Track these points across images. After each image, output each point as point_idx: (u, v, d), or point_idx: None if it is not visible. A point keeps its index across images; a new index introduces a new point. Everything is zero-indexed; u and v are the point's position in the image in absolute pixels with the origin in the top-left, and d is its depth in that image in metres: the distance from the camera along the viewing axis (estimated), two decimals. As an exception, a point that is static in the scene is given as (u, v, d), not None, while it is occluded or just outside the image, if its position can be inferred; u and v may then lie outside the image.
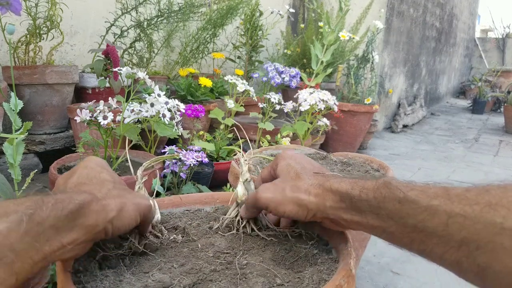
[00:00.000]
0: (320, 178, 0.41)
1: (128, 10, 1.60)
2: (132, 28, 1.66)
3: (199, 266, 0.40)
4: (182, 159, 1.01)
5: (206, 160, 1.07)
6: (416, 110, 3.86)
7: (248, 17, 2.10)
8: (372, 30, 2.24)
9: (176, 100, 1.07)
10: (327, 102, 1.35)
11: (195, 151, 1.06)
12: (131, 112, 1.01)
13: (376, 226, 0.36)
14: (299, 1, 3.20)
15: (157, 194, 0.91)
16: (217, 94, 1.84)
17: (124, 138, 1.03)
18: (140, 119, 1.03)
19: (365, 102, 2.23)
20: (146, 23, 1.67)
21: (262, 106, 1.56)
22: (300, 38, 2.66)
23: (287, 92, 2.48)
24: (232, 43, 2.25)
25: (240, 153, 0.52)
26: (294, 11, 2.74)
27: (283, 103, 1.51)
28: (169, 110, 1.01)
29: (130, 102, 1.01)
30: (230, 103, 1.49)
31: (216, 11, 1.94)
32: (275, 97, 1.49)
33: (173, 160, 1.03)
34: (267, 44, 2.31)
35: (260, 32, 2.15)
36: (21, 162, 0.87)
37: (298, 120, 1.50)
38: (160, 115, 0.99)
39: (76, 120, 0.97)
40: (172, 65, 1.99)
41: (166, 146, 1.06)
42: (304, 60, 2.59)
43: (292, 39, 2.69)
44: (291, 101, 1.48)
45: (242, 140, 1.56)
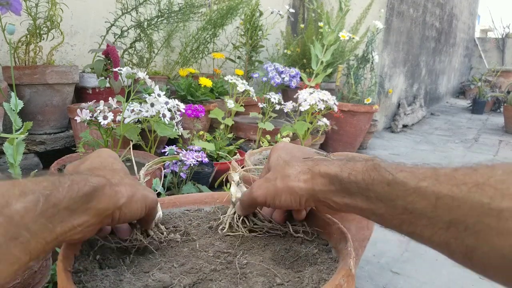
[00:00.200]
0: (309, 163, 0.41)
1: (128, 10, 1.60)
2: (132, 28, 1.66)
3: (199, 265, 0.41)
4: (182, 159, 1.01)
5: (206, 160, 1.07)
6: (415, 110, 3.87)
7: (248, 17, 2.10)
8: (372, 30, 2.24)
9: (176, 100, 1.07)
10: (327, 102, 1.35)
11: (195, 151, 1.06)
12: (131, 112, 1.01)
13: (366, 208, 0.36)
14: (299, 1, 3.20)
15: (157, 194, 0.91)
16: (217, 94, 1.84)
17: (124, 138, 1.03)
18: (140, 119, 1.03)
19: (365, 102, 2.23)
20: (146, 23, 1.68)
21: (262, 106, 1.56)
22: (300, 38, 2.66)
23: (287, 92, 2.48)
24: (232, 43, 2.26)
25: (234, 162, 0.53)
26: (294, 11, 2.74)
27: (283, 103, 1.52)
28: (169, 110, 1.01)
29: (130, 102, 1.01)
30: (230, 103, 1.49)
31: (216, 11, 1.94)
32: (275, 97, 1.49)
33: (173, 160, 1.03)
34: (267, 44, 2.31)
35: (260, 32, 2.15)
36: (21, 162, 0.87)
37: (298, 120, 1.50)
38: (160, 115, 0.99)
39: (76, 120, 0.97)
40: (172, 65, 2.00)
41: (166, 146, 1.06)
42: (304, 60, 2.60)
43: (292, 39, 2.69)
44: (291, 101, 1.48)
45: (241, 141, 1.57)
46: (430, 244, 0.32)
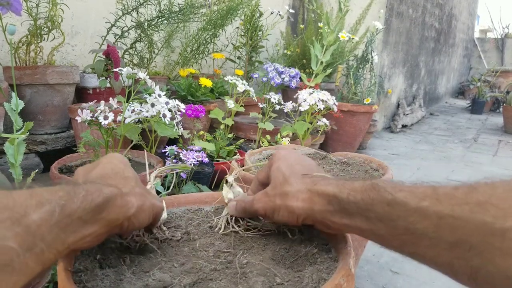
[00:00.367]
0: (308, 182, 0.41)
1: (128, 10, 1.60)
2: (133, 29, 1.66)
3: (200, 265, 0.41)
4: (182, 159, 1.02)
5: (206, 160, 1.08)
6: (415, 110, 3.87)
7: (248, 17, 2.10)
8: (372, 31, 2.25)
9: (176, 100, 1.07)
10: (326, 102, 1.35)
11: (196, 151, 1.06)
12: (131, 112, 1.01)
13: (366, 229, 0.35)
14: (299, 1, 3.20)
15: (157, 194, 0.91)
16: (217, 94, 1.84)
17: (125, 138, 1.04)
18: (140, 119, 1.03)
19: (364, 102, 2.23)
20: (146, 23, 1.68)
21: (262, 106, 1.56)
22: (299, 38, 2.66)
23: (287, 92, 2.48)
24: (232, 44, 2.26)
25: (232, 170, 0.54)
26: (293, 11, 2.75)
27: (283, 103, 1.52)
28: (169, 110, 1.01)
29: (131, 102, 1.01)
30: (230, 103, 1.49)
31: (216, 12, 1.95)
32: (275, 97, 1.50)
33: (173, 160, 1.04)
34: (267, 45, 2.31)
35: (260, 32, 2.15)
36: (22, 162, 0.87)
37: (297, 120, 1.50)
38: (161, 115, 0.99)
39: (77, 120, 0.97)
40: (172, 65, 2.00)
41: (167, 146, 1.06)
42: (304, 60, 2.60)
43: (292, 39, 2.70)
44: (291, 101, 1.48)
45: (241, 141, 1.57)
46: (433, 265, 0.32)
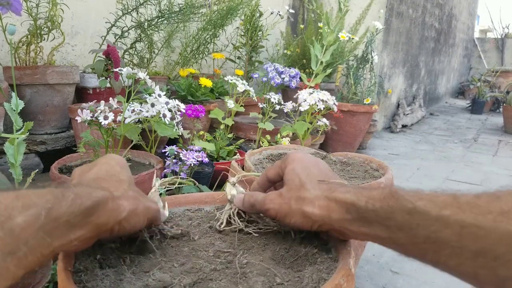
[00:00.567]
0: (325, 188, 0.41)
1: (128, 10, 1.60)
2: (133, 29, 1.66)
3: (200, 265, 0.41)
4: (182, 159, 1.02)
5: (206, 160, 1.08)
6: (415, 110, 3.87)
7: (248, 17, 2.10)
8: (372, 31, 2.25)
9: (176, 100, 1.07)
10: (326, 102, 1.35)
11: (196, 151, 1.06)
12: (131, 112, 1.01)
13: (385, 237, 0.35)
14: (299, 1, 3.20)
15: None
16: (217, 94, 1.84)
17: (125, 138, 1.04)
18: (140, 119, 1.03)
19: (364, 102, 2.23)
20: (146, 23, 1.68)
21: (262, 106, 1.56)
22: (299, 38, 2.66)
23: (287, 92, 2.48)
24: (232, 44, 2.26)
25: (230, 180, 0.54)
26: (293, 11, 2.75)
27: (283, 103, 1.52)
28: (169, 110, 1.01)
29: (131, 102, 1.01)
30: (230, 103, 1.49)
31: (216, 12, 1.95)
32: (275, 97, 1.50)
33: (173, 160, 1.04)
34: (267, 45, 2.31)
35: (260, 32, 2.15)
36: (22, 162, 0.87)
37: (297, 120, 1.50)
38: (161, 115, 0.99)
39: (77, 120, 0.97)
40: (172, 65, 2.00)
41: (167, 146, 1.06)
42: (304, 60, 2.60)
43: (292, 39, 2.70)
44: (291, 101, 1.48)
45: (241, 141, 1.57)
46: (457, 273, 0.31)
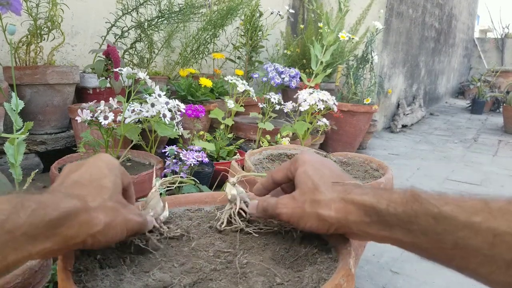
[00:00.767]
0: (340, 190, 0.39)
1: (128, 10, 1.60)
2: (133, 29, 1.66)
3: (200, 265, 0.41)
4: (182, 158, 1.02)
5: (206, 160, 1.08)
6: (415, 110, 3.87)
7: (248, 17, 2.10)
8: (372, 31, 2.25)
9: (176, 100, 1.07)
10: (326, 102, 1.35)
11: (196, 151, 1.06)
12: (131, 112, 1.01)
13: (407, 242, 0.34)
14: (299, 1, 3.20)
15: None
16: (217, 94, 1.84)
17: (125, 138, 1.04)
18: (140, 119, 1.03)
19: (364, 102, 2.23)
20: (146, 23, 1.68)
21: (262, 106, 1.56)
22: (299, 38, 2.66)
23: (287, 92, 2.48)
24: (232, 44, 2.26)
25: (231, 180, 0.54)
26: (293, 11, 2.75)
27: (283, 103, 1.52)
28: (169, 110, 1.01)
29: (131, 102, 1.01)
30: (230, 103, 1.49)
31: (216, 12, 1.95)
32: (275, 97, 1.50)
33: (173, 160, 1.04)
34: (267, 45, 2.31)
35: (260, 32, 2.15)
36: (22, 162, 0.87)
37: (297, 120, 1.50)
38: (161, 115, 0.99)
39: (77, 120, 0.97)
40: (172, 65, 2.00)
41: (167, 146, 1.06)
42: (304, 60, 2.60)
43: (292, 39, 2.70)
44: (291, 101, 1.48)
45: (241, 141, 1.57)
46: (488, 282, 0.30)
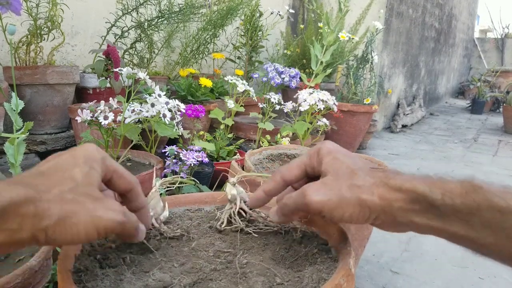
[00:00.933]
0: (381, 175, 0.36)
1: (128, 10, 1.60)
2: (133, 29, 1.66)
3: (200, 265, 0.41)
4: (182, 159, 1.02)
5: (206, 160, 1.08)
6: (415, 110, 3.87)
7: (248, 17, 2.10)
8: (372, 31, 2.25)
9: (176, 100, 1.07)
10: (326, 102, 1.35)
11: (196, 151, 1.06)
12: (131, 112, 1.01)
13: (463, 235, 0.32)
14: (299, 1, 3.20)
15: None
16: (217, 94, 1.84)
17: (125, 138, 1.04)
18: (140, 119, 1.03)
19: (364, 102, 2.23)
20: (146, 23, 1.68)
21: (262, 106, 1.56)
22: (299, 38, 2.66)
23: (287, 92, 2.48)
24: (232, 44, 2.26)
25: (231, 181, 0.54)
26: (293, 11, 2.75)
27: (283, 103, 1.52)
28: (169, 110, 1.01)
29: (131, 102, 1.01)
30: (230, 103, 1.49)
31: (216, 12, 1.95)
32: (275, 97, 1.50)
33: (173, 160, 1.04)
34: (267, 45, 2.31)
35: (260, 32, 2.15)
36: (22, 162, 0.87)
37: (297, 120, 1.50)
38: (161, 115, 0.99)
39: (77, 120, 0.97)
40: (172, 65, 2.00)
41: (167, 146, 1.06)
42: (304, 60, 2.60)
43: (292, 39, 2.70)
44: (291, 101, 1.48)
45: (241, 141, 1.57)
46: None
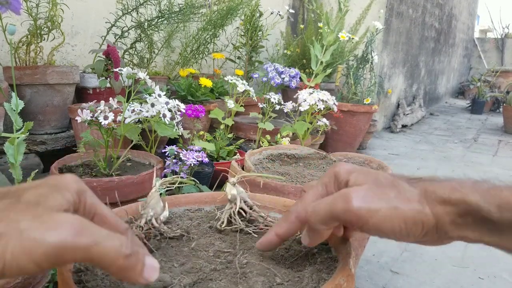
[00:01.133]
0: (423, 185, 0.31)
1: (128, 10, 1.60)
2: (133, 29, 1.66)
3: (200, 265, 0.41)
4: (182, 158, 1.02)
5: (206, 160, 1.08)
6: (415, 110, 3.87)
7: (248, 17, 2.10)
8: (372, 31, 2.25)
9: (176, 100, 1.07)
10: (326, 102, 1.35)
11: (196, 151, 1.06)
12: (131, 112, 1.01)
13: None
14: (299, 1, 3.20)
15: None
16: (217, 94, 1.84)
17: (125, 138, 1.04)
18: (140, 119, 1.03)
19: (364, 102, 2.23)
20: (146, 23, 1.68)
21: (262, 106, 1.56)
22: (299, 38, 2.66)
23: (287, 92, 2.48)
24: (232, 44, 2.26)
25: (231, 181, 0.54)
26: (293, 11, 2.75)
27: (283, 103, 1.52)
28: (169, 110, 1.01)
29: (131, 102, 1.01)
30: (230, 103, 1.49)
31: (216, 12, 1.95)
32: (275, 97, 1.50)
33: (173, 160, 1.04)
34: (267, 45, 2.31)
35: (260, 32, 2.15)
36: (22, 162, 0.87)
37: (297, 120, 1.50)
38: (161, 115, 0.99)
39: (77, 120, 0.97)
40: (172, 65, 2.00)
41: (167, 146, 1.06)
42: (304, 60, 2.60)
43: (292, 39, 2.70)
44: (290, 101, 1.48)
45: (241, 141, 1.57)
46: None
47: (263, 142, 1.53)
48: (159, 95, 1.01)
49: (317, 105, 1.34)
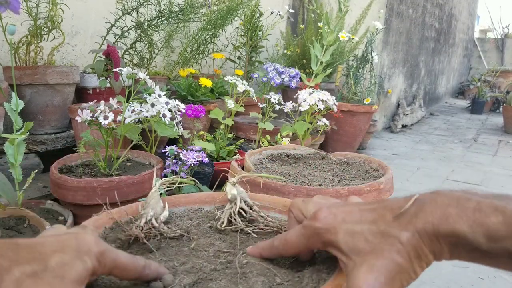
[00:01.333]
0: (405, 222, 0.30)
1: (128, 10, 1.60)
2: (133, 29, 1.66)
3: (200, 265, 0.41)
4: (182, 159, 1.02)
5: (206, 160, 1.08)
6: (415, 110, 3.87)
7: (248, 17, 2.10)
8: (372, 31, 2.25)
9: (176, 100, 1.07)
10: (326, 102, 1.35)
11: (196, 151, 1.06)
12: (131, 112, 1.01)
13: None
14: (299, 1, 3.20)
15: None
16: (217, 94, 1.84)
17: (125, 138, 1.04)
18: (140, 119, 1.03)
19: (364, 102, 2.23)
20: (146, 23, 1.68)
21: (262, 106, 1.57)
22: (299, 38, 2.66)
23: (287, 92, 2.48)
24: (232, 44, 2.26)
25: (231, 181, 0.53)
26: (293, 11, 2.75)
27: (282, 103, 1.52)
28: (169, 110, 1.01)
29: (131, 102, 1.01)
30: (230, 103, 1.49)
31: (216, 12, 1.95)
32: (275, 97, 1.50)
33: (173, 160, 1.04)
34: (267, 45, 2.31)
35: (260, 32, 2.16)
36: (22, 162, 0.87)
37: (297, 120, 1.51)
38: (161, 115, 0.99)
39: (77, 120, 0.97)
40: (172, 65, 2.00)
41: (167, 146, 1.06)
42: (304, 60, 2.60)
43: (292, 39, 2.70)
44: (290, 101, 1.49)
45: (241, 141, 1.57)
46: None
47: (263, 142, 1.53)
48: (159, 95, 1.01)
49: (317, 105, 1.34)
